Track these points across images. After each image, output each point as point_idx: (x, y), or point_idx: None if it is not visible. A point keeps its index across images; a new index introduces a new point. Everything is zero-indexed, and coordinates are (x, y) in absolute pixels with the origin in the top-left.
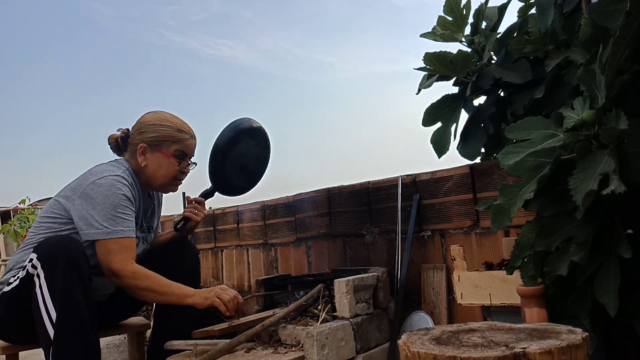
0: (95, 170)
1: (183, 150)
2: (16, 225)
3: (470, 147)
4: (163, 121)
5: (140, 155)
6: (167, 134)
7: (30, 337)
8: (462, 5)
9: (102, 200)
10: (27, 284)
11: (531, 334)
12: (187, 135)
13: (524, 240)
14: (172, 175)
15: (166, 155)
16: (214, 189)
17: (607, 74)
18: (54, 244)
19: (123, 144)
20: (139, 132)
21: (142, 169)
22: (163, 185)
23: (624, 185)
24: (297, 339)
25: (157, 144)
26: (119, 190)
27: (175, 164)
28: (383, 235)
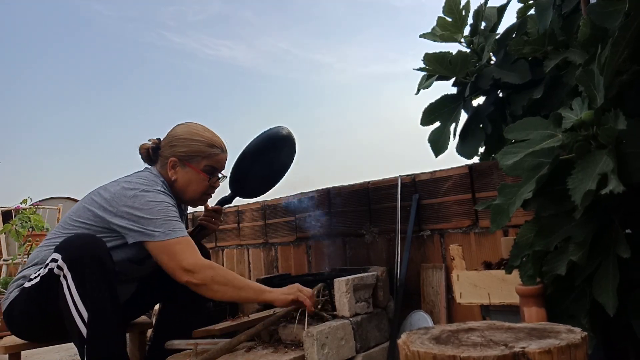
0: (132, 181)
1: (213, 165)
2: (18, 225)
3: (468, 147)
4: (194, 135)
5: (170, 169)
6: (198, 149)
7: (43, 335)
8: (461, 6)
9: (150, 210)
10: (51, 284)
11: (530, 334)
12: (218, 149)
13: (523, 239)
14: (201, 191)
15: (196, 170)
16: (233, 196)
17: (606, 75)
18: (79, 245)
19: (154, 155)
20: (169, 145)
21: (172, 182)
22: (193, 200)
23: (622, 185)
24: (297, 338)
25: (188, 159)
26: (164, 199)
27: (205, 180)
28: (383, 235)
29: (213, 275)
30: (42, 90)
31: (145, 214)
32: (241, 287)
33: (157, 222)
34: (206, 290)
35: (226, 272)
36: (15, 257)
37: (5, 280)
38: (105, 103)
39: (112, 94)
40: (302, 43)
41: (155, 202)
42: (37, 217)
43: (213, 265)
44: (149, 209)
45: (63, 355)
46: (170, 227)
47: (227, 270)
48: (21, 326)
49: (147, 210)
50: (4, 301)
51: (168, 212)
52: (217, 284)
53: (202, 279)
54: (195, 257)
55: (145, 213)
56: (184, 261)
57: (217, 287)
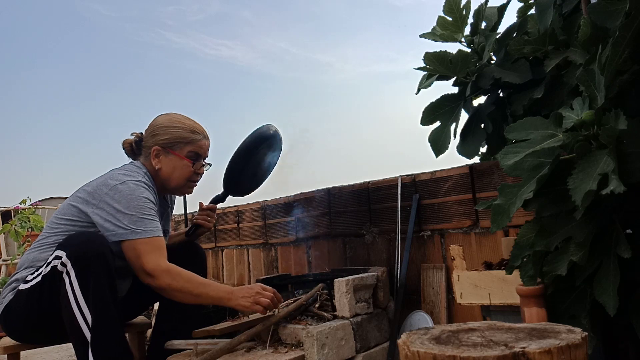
0: (114, 175)
1: (196, 151)
2: (17, 225)
3: (468, 146)
4: (175, 123)
5: (154, 158)
6: (180, 136)
7: (43, 337)
8: (461, 6)
9: (127, 204)
10: (53, 281)
11: (530, 334)
12: (200, 135)
13: (524, 240)
14: (186, 177)
15: (179, 157)
16: (226, 194)
17: (607, 74)
18: (83, 242)
19: (137, 148)
20: (151, 135)
21: (157, 172)
22: (178, 187)
23: (623, 185)
24: (297, 339)
25: (170, 146)
26: (142, 194)
27: (189, 165)
28: (383, 235)
29: (170, 282)
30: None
31: (121, 207)
32: (199, 294)
33: (132, 218)
34: (166, 295)
35: (186, 279)
36: (15, 257)
37: (5, 281)
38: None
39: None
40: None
41: (133, 196)
42: (36, 217)
43: (172, 272)
44: (126, 202)
45: (63, 355)
46: (142, 225)
47: (188, 277)
48: (20, 329)
49: (124, 202)
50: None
51: (143, 209)
52: (174, 291)
53: (159, 284)
54: (157, 260)
55: (122, 206)
56: (146, 264)
57: (175, 293)
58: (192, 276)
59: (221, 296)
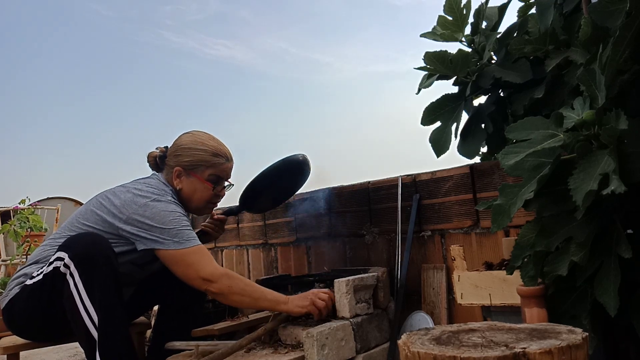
0: (143, 189)
1: (218, 174)
2: (16, 225)
3: (469, 146)
4: (198, 145)
5: (175, 178)
6: (202, 159)
7: (43, 334)
8: (462, 5)
9: (162, 220)
10: (55, 283)
11: (531, 334)
12: (223, 159)
13: (524, 240)
14: (206, 200)
15: (200, 180)
16: (241, 209)
17: (607, 74)
18: (86, 244)
19: (161, 163)
20: (174, 154)
21: (178, 191)
22: (198, 209)
23: (624, 185)
24: (297, 339)
25: (192, 169)
26: (176, 210)
27: (210, 189)
28: (383, 235)
29: (230, 284)
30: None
31: (157, 224)
32: (257, 298)
33: (171, 232)
34: (224, 299)
35: (243, 282)
36: (14, 258)
37: (4, 281)
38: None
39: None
40: (301, 42)
41: (167, 211)
42: (35, 217)
43: (230, 274)
44: (160, 218)
45: (63, 355)
46: (184, 236)
47: (244, 280)
48: (21, 324)
49: (159, 219)
50: (3, 298)
51: (181, 222)
52: (234, 294)
53: (219, 289)
54: (212, 265)
55: (157, 222)
56: (201, 271)
57: (234, 296)
58: (249, 280)
59: (278, 300)
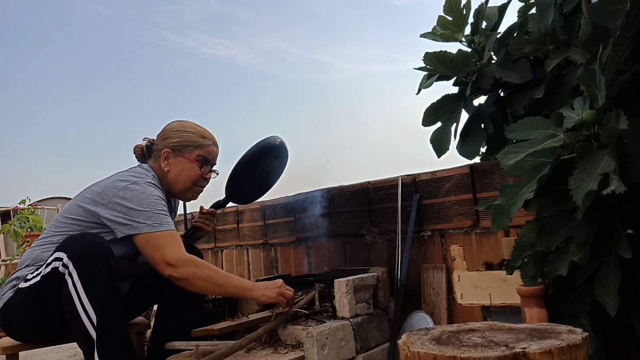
0: (123, 176)
1: (205, 155)
2: (16, 225)
3: (469, 147)
4: (187, 127)
5: (163, 160)
6: (190, 139)
7: (41, 336)
8: (462, 5)
9: (139, 202)
10: (53, 283)
11: (531, 334)
12: (210, 142)
13: (524, 240)
14: (193, 179)
15: (188, 159)
16: (227, 200)
17: (607, 74)
18: (84, 243)
19: (148, 152)
20: (163, 138)
21: (165, 174)
22: (184, 191)
23: (624, 185)
24: (297, 339)
25: (180, 149)
26: (154, 192)
27: (197, 168)
28: (383, 235)
29: (194, 270)
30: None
31: (134, 205)
32: (222, 284)
33: (146, 214)
34: (188, 285)
35: (209, 269)
36: (14, 258)
37: (4, 281)
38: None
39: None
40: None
41: (145, 194)
42: (35, 217)
43: (195, 261)
44: (138, 200)
45: (62, 355)
46: (158, 220)
47: (210, 266)
48: (17, 327)
49: (136, 201)
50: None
51: (157, 205)
52: (198, 280)
53: (183, 274)
54: (178, 251)
55: (134, 204)
56: (168, 255)
57: (198, 282)
58: (215, 267)
59: (244, 286)
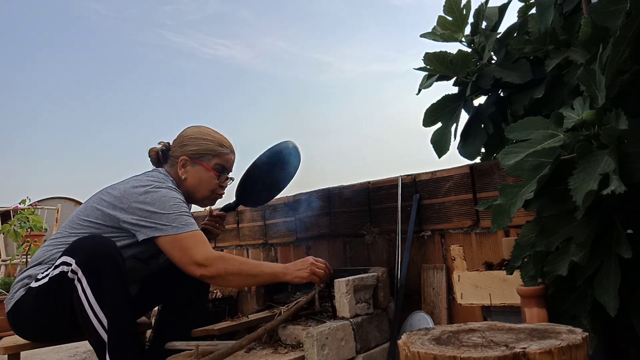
0: (143, 181)
1: (223, 164)
2: (16, 225)
3: (470, 147)
4: (205, 135)
5: (180, 167)
6: (208, 148)
7: (49, 336)
8: (462, 5)
9: (162, 205)
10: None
11: (531, 334)
12: (227, 150)
13: (524, 240)
14: (211, 188)
15: (206, 168)
16: (238, 203)
17: (607, 74)
18: (92, 248)
19: (163, 157)
20: (180, 145)
21: (182, 181)
22: (202, 199)
23: (624, 185)
24: (297, 339)
25: (198, 157)
26: (176, 196)
27: (215, 177)
28: (383, 235)
29: (226, 266)
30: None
31: (157, 209)
32: (256, 274)
33: (170, 217)
34: (221, 281)
35: (239, 262)
36: (14, 258)
37: (4, 281)
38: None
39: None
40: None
41: (167, 197)
42: (35, 217)
43: (225, 257)
44: (160, 204)
45: (63, 355)
46: (182, 221)
47: (240, 259)
48: (26, 326)
49: (158, 205)
50: (9, 301)
51: (180, 207)
52: (231, 275)
53: (215, 272)
54: (206, 250)
55: (157, 208)
56: (196, 255)
57: (231, 277)
58: (244, 258)
59: (277, 271)
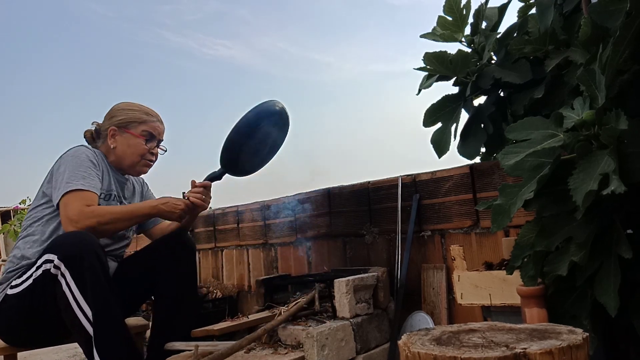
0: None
1: (150, 131)
2: (16, 225)
3: (469, 147)
4: (131, 106)
5: (110, 138)
6: (135, 116)
7: (38, 339)
8: (462, 5)
9: (65, 167)
10: (45, 285)
11: (531, 334)
12: (154, 118)
13: (524, 240)
14: (139, 154)
15: (134, 135)
16: (224, 172)
17: (607, 74)
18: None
19: (97, 135)
20: (109, 118)
21: (112, 151)
22: (132, 165)
23: (623, 186)
24: (297, 340)
25: (125, 126)
26: (81, 155)
27: (142, 143)
28: (383, 235)
29: (98, 219)
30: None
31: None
32: (130, 217)
33: (65, 176)
34: (97, 234)
35: (111, 211)
36: None
37: None
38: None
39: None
40: (300, 42)
41: (73, 156)
42: None
43: (95, 210)
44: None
45: (62, 356)
46: (72, 180)
47: (113, 209)
48: (10, 332)
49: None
50: None
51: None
52: (104, 224)
53: (88, 225)
54: (80, 206)
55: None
56: (70, 212)
57: (105, 227)
58: (116, 207)
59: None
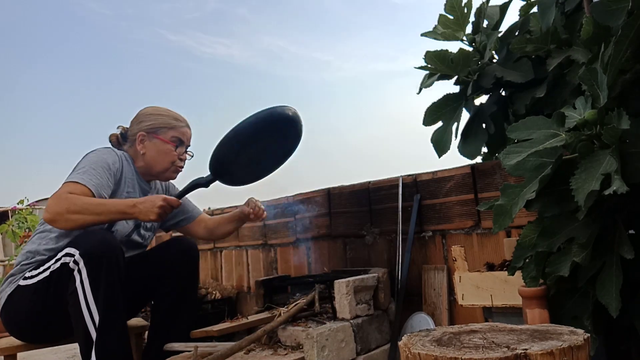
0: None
1: (179, 137)
2: (14, 226)
3: (470, 147)
4: (160, 111)
5: (139, 143)
6: (164, 122)
7: (44, 334)
8: (463, 4)
9: (80, 164)
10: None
11: (533, 335)
12: (182, 123)
13: (526, 240)
14: (170, 160)
15: (163, 141)
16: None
17: (609, 74)
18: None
19: (123, 139)
20: (137, 123)
21: (141, 156)
22: (163, 171)
23: (626, 186)
24: (297, 340)
25: (154, 131)
26: (101, 156)
27: (172, 149)
28: (384, 236)
29: (68, 206)
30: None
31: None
32: (100, 212)
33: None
34: (64, 221)
35: (83, 201)
36: (12, 258)
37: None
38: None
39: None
40: (300, 41)
41: (92, 155)
42: (33, 217)
43: (69, 197)
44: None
45: (61, 356)
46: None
47: (88, 199)
48: (20, 325)
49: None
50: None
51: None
52: (73, 213)
53: (56, 211)
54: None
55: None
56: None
57: (74, 216)
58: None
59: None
